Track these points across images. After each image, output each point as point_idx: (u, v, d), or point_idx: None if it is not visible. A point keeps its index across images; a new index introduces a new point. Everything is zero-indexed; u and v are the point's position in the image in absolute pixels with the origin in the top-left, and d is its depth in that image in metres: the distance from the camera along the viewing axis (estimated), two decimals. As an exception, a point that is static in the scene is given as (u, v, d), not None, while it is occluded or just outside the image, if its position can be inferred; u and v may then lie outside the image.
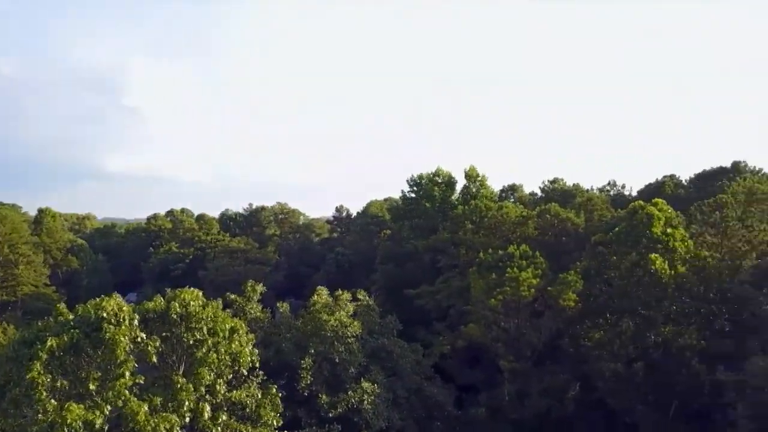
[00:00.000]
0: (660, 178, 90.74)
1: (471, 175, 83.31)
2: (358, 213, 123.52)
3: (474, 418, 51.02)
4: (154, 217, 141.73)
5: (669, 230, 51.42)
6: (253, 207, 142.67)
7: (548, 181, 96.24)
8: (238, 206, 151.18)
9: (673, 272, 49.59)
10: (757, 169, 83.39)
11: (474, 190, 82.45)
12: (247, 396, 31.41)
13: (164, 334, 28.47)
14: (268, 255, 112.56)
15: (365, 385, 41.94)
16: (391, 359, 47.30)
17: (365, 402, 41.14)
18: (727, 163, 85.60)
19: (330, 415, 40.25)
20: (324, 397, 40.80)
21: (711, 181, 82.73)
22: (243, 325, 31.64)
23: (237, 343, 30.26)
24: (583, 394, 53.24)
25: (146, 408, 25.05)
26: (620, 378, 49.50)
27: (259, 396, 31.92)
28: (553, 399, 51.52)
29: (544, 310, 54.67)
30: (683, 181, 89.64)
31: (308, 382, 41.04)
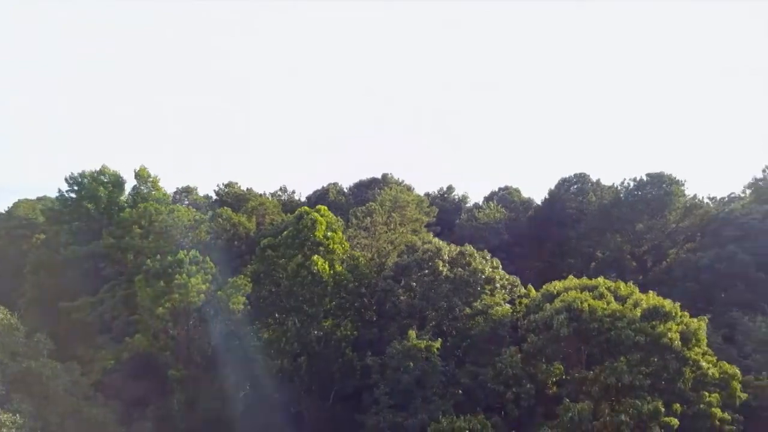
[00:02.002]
0: (325, 185, 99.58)
1: (142, 176, 78.56)
2: (0, 214, 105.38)
3: (141, 434, 48.59)
4: None
5: (330, 234, 56.89)
6: None
7: (223, 184, 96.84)
8: None
9: (332, 271, 55.03)
10: (400, 180, 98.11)
11: (145, 191, 77.96)
12: None
13: None
14: None
15: (4, 417, 36.43)
16: (39, 383, 41.93)
17: (4, 437, 35.72)
18: (378, 175, 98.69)
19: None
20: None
21: (366, 189, 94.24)
22: None
23: None
24: (253, 392, 55.38)
25: None
26: (286, 372, 52.92)
27: None
28: (224, 402, 52.33)
29: (215, 314, 55.03)
30: (344, 189, 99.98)
31: None
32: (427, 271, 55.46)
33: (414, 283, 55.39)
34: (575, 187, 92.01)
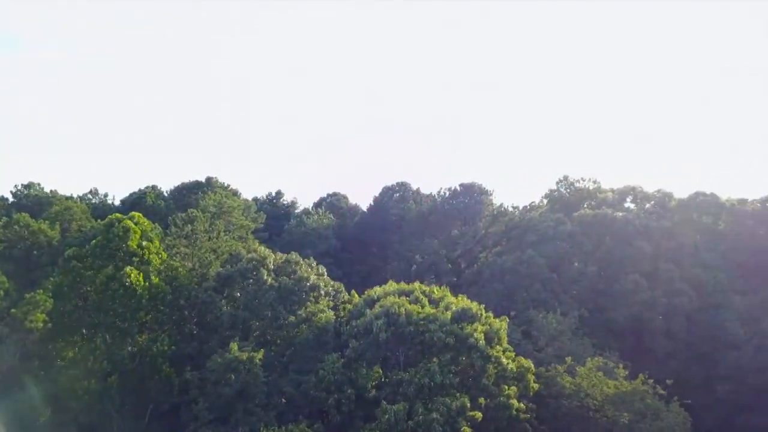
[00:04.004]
0: (143, 188, 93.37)
1: None
2: None
3: None
4: None
5: (145, 243, 53.60)
6: None
7: (22, 185, 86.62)
8: None
9: (147, 284, 51.91)
10: (226, 184, 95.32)
11: None
12: None
13: None
14: None
15: None
16: None
17: None
18: (203, 178, 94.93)
19: None
20: None
21: (188, 193, 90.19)
22: None
23: None
24: (55, 416, 50.53)
25: None
26: (94, 393, 49.02)
27: None
28: (20, 430, 47.21)
29: (9, 334, 49.35)
30: (164, 193, 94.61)
31: None
32: (251, 281, 54.62)
33: (238, 294, 54.25)
34: (397, 195, 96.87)
